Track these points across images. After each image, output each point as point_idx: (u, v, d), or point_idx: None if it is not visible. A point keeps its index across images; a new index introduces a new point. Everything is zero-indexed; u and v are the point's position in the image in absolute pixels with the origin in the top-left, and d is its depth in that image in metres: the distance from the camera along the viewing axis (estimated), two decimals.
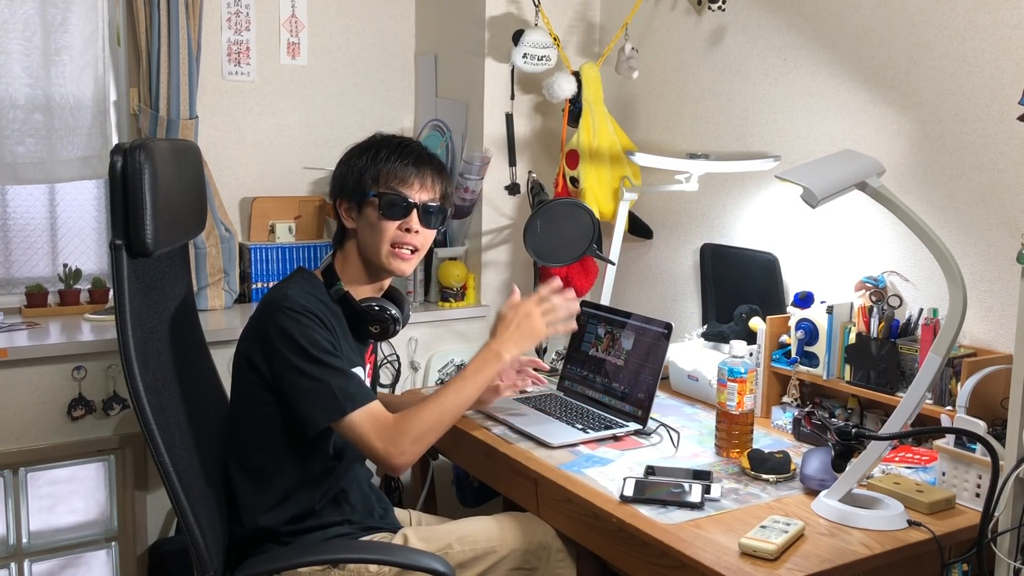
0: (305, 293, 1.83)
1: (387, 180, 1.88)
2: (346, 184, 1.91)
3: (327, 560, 1.76)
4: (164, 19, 2.69)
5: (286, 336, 1.75)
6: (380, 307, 1.92)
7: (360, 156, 1.91)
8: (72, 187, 2.89)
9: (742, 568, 1.51)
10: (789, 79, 2.43)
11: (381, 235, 1.88)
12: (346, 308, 1.90)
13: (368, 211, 1.89)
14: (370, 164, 1.89)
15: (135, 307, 1.66)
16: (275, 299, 1.81)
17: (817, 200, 1.65)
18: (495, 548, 1.91)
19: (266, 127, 3.08)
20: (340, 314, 1.89)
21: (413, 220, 1.89)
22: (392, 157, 1.89)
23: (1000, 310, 1.99)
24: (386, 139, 1.95)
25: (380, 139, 1.95)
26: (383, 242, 1.88)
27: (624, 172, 2.77)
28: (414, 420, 1.77)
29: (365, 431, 1.74)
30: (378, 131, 1.99)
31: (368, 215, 1.89)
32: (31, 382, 2.44)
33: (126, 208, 1.63)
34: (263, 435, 1.83)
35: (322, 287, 1.90)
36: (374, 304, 1.92)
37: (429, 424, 1.78)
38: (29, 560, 2.54)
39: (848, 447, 1.69)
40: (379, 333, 1.93)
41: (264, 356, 1.78)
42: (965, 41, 2.02)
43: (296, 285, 1.86)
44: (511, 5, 2.93)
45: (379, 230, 1.88)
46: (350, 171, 1.91)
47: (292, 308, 1.76)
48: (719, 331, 2.47)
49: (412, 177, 1.89)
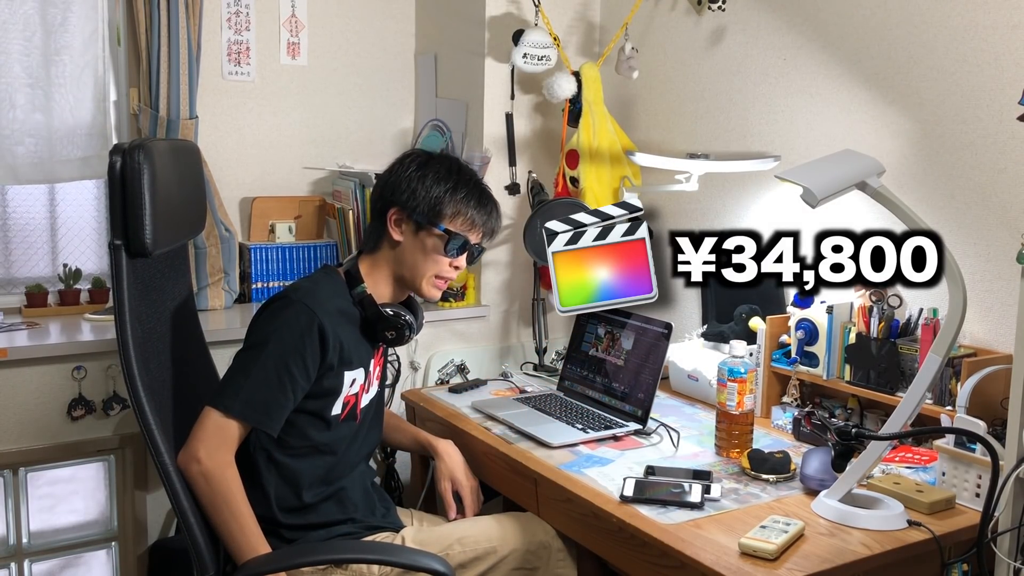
0: (323, 289, 1.85)
1: (461, 222, 1.93)
2: (413, 201, 1.91)
3: (328, 560, 1.76)
4: (164, 19, 2.69)
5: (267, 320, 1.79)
6: (396, 313, 1.93)
7: (438, 183, 1.92)
8: (72, 187, 2.89)
9: (742, 568, 1.51)
10: (789, 79, 2.43)
11: (432, 264, 1.93)
12: (364, 310, 1.91)
13: (427, 239, 1.92)
14: (449, 198, 1.91)
15: (134, 307, 1.66)
16: (291, 289, 1.86)
17: (817, 200, 1.65)
18: (495, 549, 1.91)
19: (266, 127, 3.08)
20: (356, 315, 1.91)
21: (462, 259, 1.97)
22: (471, 201, 1.94)
23: (1000, 310, 1.99)
24: (464, 175, 1.96)
25: (456, 170, 1.96)
26: (431, 271, 1.93)
27: (624, 172, 2.77)
28: (230, 479, 1.70)
29: (211, 428, 1.70)
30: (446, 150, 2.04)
31: (425, 242, 1.92)
32: (31, 382, 2.44)
33: (125, 208, 1.63)
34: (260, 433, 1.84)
35: (344, 286, 1.92)
36: (390, 310, 1.93)
37: (218, 499, 1.69)
38: (29, 560, 2.54)
39: (848, 447, 1.69)
40: (393, 339, 1.95)
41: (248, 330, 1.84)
42: (965, 41, 2.02)
43: (317, 280, 1.89)
44: (511, 5, 2.93)
45: (432, 260, 1.92)
46: (424, 191, 1.91)
47: (295, 302, 1.78)
48: (719, 331, 2.47)
49: (480, 224, 1.97)
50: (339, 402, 1.87)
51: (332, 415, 1.86)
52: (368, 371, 1.95)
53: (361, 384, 1.92)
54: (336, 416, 1.87)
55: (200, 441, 1.69)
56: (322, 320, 1.78)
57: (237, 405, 1.71)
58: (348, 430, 1.91)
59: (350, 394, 1.89)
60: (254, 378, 1.72)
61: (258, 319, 1.83)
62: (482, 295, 3.02)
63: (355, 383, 1.90)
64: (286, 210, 3.10)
